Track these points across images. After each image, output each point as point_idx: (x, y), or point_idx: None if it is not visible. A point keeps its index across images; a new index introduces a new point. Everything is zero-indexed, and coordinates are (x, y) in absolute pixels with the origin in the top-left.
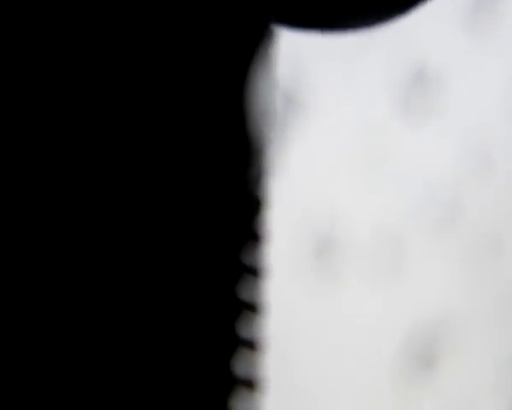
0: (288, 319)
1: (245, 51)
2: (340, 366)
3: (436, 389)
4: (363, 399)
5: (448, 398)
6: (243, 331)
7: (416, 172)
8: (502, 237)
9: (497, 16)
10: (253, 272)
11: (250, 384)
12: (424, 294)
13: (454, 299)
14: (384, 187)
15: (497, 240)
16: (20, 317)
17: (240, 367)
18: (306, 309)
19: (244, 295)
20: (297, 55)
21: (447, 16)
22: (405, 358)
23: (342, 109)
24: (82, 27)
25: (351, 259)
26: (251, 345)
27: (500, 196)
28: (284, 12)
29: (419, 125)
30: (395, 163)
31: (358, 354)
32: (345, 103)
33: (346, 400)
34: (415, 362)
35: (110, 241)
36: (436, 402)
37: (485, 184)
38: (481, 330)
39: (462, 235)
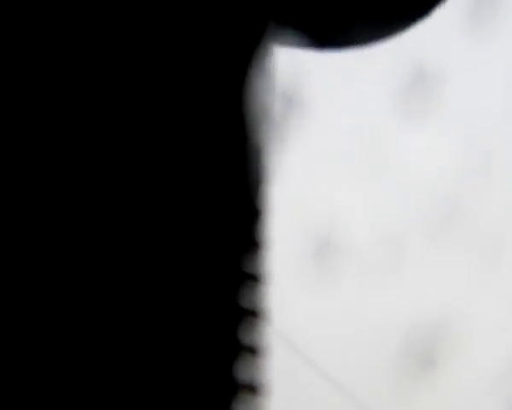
0: (289, 320)
1: (244, 53)
2: (340, 366)
3: (436, 388)
4: (363, 398)
5: (448, 398)
6: (245, 337)
7: (416, 173)
8: (502, 237)
9: (496, 16)
10: (254, 278)
11: (253, 389)
12: (424, 294)
13: (454, 299)
14: (384, 187)
15: (497, 240)
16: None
17: (242, 373)
18: (307, 310)
19: (245, 301)
20: (297, 55)
21: (447, 16)
22: (405, 358)
23: (342, 109)
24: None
25: (351, 259)
26: (253, 350)
27: (500, 196)
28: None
29: (419, 125)
30: (395, 164)
31: (359, 354)
32: (345, 104)
33: (346, 399)
34: (415, 362)
35: (110, 243)
36: (436, 402)
37: (485, 183)
38: (481, 331)
39: (462, 235)
